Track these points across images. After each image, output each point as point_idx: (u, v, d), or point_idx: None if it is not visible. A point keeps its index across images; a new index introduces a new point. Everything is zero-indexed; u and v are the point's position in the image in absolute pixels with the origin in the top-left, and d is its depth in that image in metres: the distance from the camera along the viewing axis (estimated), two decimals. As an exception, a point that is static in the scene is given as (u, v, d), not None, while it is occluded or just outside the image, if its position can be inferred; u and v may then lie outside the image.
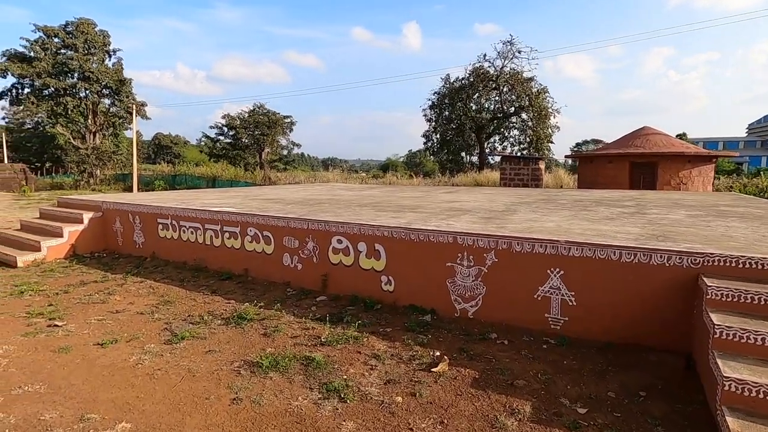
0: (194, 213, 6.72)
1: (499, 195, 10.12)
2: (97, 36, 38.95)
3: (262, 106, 44.48)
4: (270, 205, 7.45)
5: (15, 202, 19.86)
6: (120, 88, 39.74)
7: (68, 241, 7.65)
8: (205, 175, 33.75)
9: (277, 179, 32.86)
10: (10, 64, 36.26)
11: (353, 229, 5.07)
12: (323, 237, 5.33)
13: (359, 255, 5.05)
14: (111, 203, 8.07)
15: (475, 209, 6.79)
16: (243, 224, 6.13)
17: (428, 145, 42.58)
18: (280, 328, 4.25)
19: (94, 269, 6.86)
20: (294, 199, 8.97)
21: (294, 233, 5.60)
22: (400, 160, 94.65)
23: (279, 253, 5.77)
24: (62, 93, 37.79)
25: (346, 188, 13.51)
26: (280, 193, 10.93)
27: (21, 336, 4.12)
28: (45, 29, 37.31)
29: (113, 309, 4.95)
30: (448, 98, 38.26)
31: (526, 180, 17.58)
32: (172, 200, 8.31)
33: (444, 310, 4.51)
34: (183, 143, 73.65)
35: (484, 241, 4.23)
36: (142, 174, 36.12)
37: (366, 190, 12.20)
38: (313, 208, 6.91)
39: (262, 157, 43.82)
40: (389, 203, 7.89)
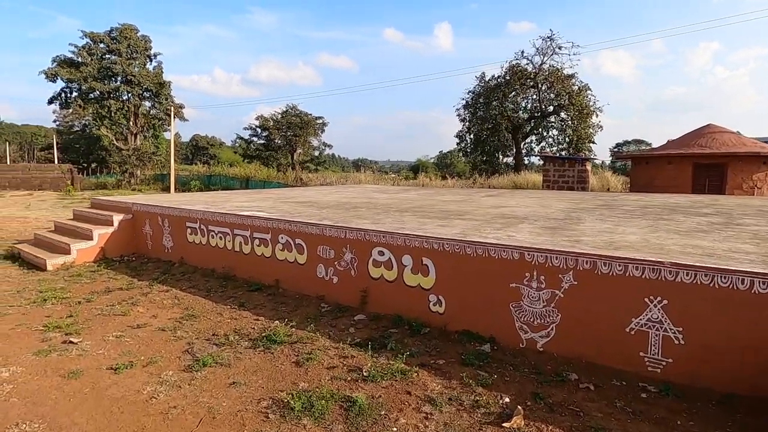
0: (223, 217, 6.28)
1: (549, 199, 9.23)
2: (139, 41, 40.25)
3: (294, 107, 44.72)
4: (303, 209, 6.93)
5: (59, 201, 20.50)
6: (160, 90, 40.93)
7: (98, 244, 7.42)
8: (239, 175, 34.13)
9: (309, 180, 32.78)
10: (59, 70, 38.01)
11: (397, 239, 4.43)
12: (362, 247, 4.72)
13: (404, 269, 4.40)
14: (141, 205, 7.80)
15: (530, 216, 6.00)
16: (274, 231, 5.62)
17: (461, 146, 41.43)
18: (314, 356, 3.66)
19: (121, 275, 6.55)
20: (327, 202, 8.44)
21: (329, 242, 5.02)
22: (430, 161, 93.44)
23: (312, 264, 5.21)
24: (106, 96, 39.30)
25: (380, 190, 12.91)
26: (312, 195, 10.46)
27: (32, 354, 3.73)
28: (91, 35, 38.89)
29: (134, 323, 4.52)
30: (483, 97, 37.02)
31: (572, 182, 16.42)
32: (202, 202, 7.96)
33: (506, 339, 3.79)
34: (218, 144, 75.54)
35: (559, 258, 3.48)
36: (180, 174, 36.97)
37: (402, 193, 11.56)
38: (349, 214, 6.33)
39: (294, 157, 44.03)
40: (431, 208, 7.20)
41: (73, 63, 38.47)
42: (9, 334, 4.20)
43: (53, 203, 19.10)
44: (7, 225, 12.16)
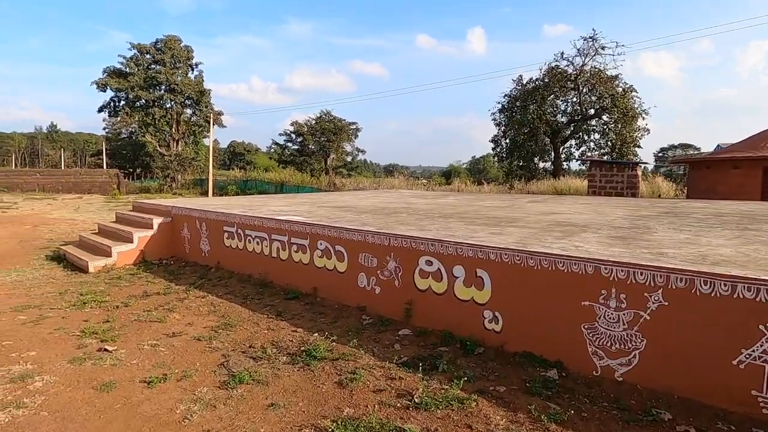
0: (260, 221, 6.09)
1: (602, 206, 8.54)
2: (181, 51, 41.88)
3: (328, 113, 45.16)
4: (341, 214, 6.65)
5: (106, 204, 21.36)
6: (200, 98, 42.37)
7: (138, 246, 7.43)
8: (274, 180, 34.67)
9: (342, 185, 32.83)
10: (109, 80, 40.08)
11: (448, 248, 4.03)
12: (408, 256, 4.35)
13: (454, 281, 3.99)
14: (180, 208, 7.78)
15: (591, 224, 5.44)
16: (312, 236, 5.34)
17: (496, 151, 40.35)
18: (358, 375, 3.31)
19: (159, 278, 6.48)
20: (365, 207, 8.14)
21: (372, 250, 4.68)
22: (462, 167, 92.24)
23: (353, 272, 4.88)
24: (151, 104, 41.07)
25: (416, 195, 12.52)
26: (348, 200, 10.21)
27: (67, 362, 3.58)
28: (139, 47, 40.81)
29: (170, 331, 4.34)
30: (521, 101, 35.96)
31: (620, 188, 15.40)
32: (239, 206, 7.85)
33: (576, 364, 3.30)
34: (254, 150, 77.55)
35: (645, 274, 2.98)
36: (217, 179, 38.02)
37: (440, 198, 11.11)
38: (390, 219, 5.98)
39: (328, 163, 44.38)
40: (475, 214, 6.74)
41: (122, 73, 40.50)
42: (47, 339, 4.10)
43: (100, 206, 19.89)
44: (58, 226, 12.63)
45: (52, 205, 19.41)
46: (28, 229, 11.94)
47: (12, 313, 4.87)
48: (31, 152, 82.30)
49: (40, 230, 11.73)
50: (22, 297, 5.52)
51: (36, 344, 3.97)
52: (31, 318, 4.70)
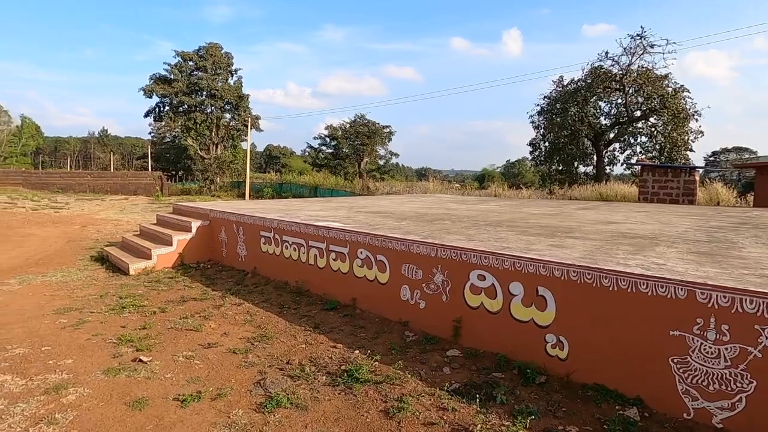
0: (297, 227, 5.88)
1: (663, 214, 7.81)
2: (222, 57, 43.24)
3: (362, 116, 45.28)
4: (381, 220, 6.35)
5: (149, 205, 22.12)
6: (239, 103, 43.56)
7: (176, 249, 7.42)
8: (308, 183, 35.00)
9: (375, 188, 32.69)
10: (155, 86, 41.90)
11: (504, 262, 3.62)
12: (458, 269, 3.97)
13: (511, 299, 3.58)
14: (218, 212, 7.73)
15: (660, 237, 4.86)
16: (352, 244, 5.06)
17: (535, 155, 39.02)
18: (406, 403, 2.97)
19: (196, 282, 6.40)
20: (404, 212, 7.81)
21: (417, 261, 4.34)
22: (497, 171, 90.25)
23: (396, 284, 4.55)
24: (193, 109, 42.59)
25: (455, 200, 12.07)
26: (386, 204, 9.91)
27: (101, 373, 3.45)
28: (182, 54, 42.45)
29: (205, 341, 4.16)
30: (561, 102, 34.59)
31: (675, 195, 14.31)
32: (276, 210, 7.71)
33: (662, 404, 2.82)
34: (290, 154, 79.07)
35: (756, 303, 2.48)
36: (254, 182, 38.83)
37: (481, 204, 10.62)
38: (434, 227, 5.62)
39: (361, 166, 44.45)
40: (524, 222, 6.26)
41: (166, 80, 42.28)
42: (84, 346, 4.01)
43: (143, 207, 20.61)
44: (104, 227, 13.07)
45: (100, 206, 20.28)
46: (76, 229, 12.41)
47: (54, 316, 4.86)
48: (84, 155, 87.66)
49: (88, 230, 12.15)
50: (65, 299, 5.55)
51: (73, 351, 3.88)
52: (71, 322, 4.67)
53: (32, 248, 9.16)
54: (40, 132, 79.70)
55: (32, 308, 5.15)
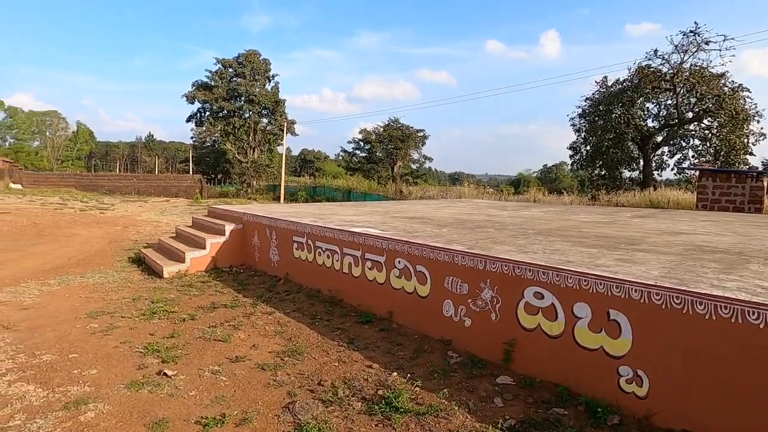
0: (331, 233, 5.58)
1: (732, 223, 6.97)
2: (260, 64, 44.26)
3: (396, 120, 45.07)
4: (419, 227, 5.95)
5: (188, 207, 22.72)
6: (276, 108, 44.41)
7: (210, 253, 7.32)
8: (341, 187, 35.08)
9: (409, 193, 32.29)
10: (197, 92, 43.40)
11: (567, 279, 3.14)
12: (510, 284, 3.52)
13: (575, 323, 3.09)
14: (251, 215, 7.58)
15: (749, 252, 4.19)
16: (389, 252, 4.70)
17: (575, 159, 37.38)
18: (453, 443, 2.55)
19: (227, 288, 6.24)
20: (443, 218, 7.38)
21: (462, 273, 3.91)
22: (533, 176, 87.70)
23: (438, 298, 4.14)
24: (232, 114, 43.79)
25: (494, 206, 11.48)
26: (422, 209, 9.50)
27: (124, 387, 3.24)
28: (223, 61, 43.79)
29: (233, 354, 3.91)
30: (604, 104, 32.95)
31: (739, 202, 13.05)
32: (309, 215, 7.48)
33: (777, 464, 2.26)
34: (324, 158, 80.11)
35: None
36: (289, 185, 39.38)
37: (523, 210, 10.01)
38: (478, 235, 5.16)
39: (395, 170, 44.19)
40: (578, 232, 5.69)
41: (207, 86, 43.72)
42: (111, 354, 3.85)
43: (183, 209, 21.17)
44: (144, 228, 13.38)
45: (142, 207, 21.01)
46: (118, 230, 12.75)
47: (86, 320, 4.78)
48: (132, 159, 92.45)
49: (128, 231, 12.46)
50: (99, 302, 5.50)
51: (99, 360, 3.72)
52: (101, 327, 4.56)
53: (75, 248, 9.39)
54: (93, 137, 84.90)
55: (67, 311, 5.10)
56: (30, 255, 8.47)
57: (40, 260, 8.01)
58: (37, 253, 8.68)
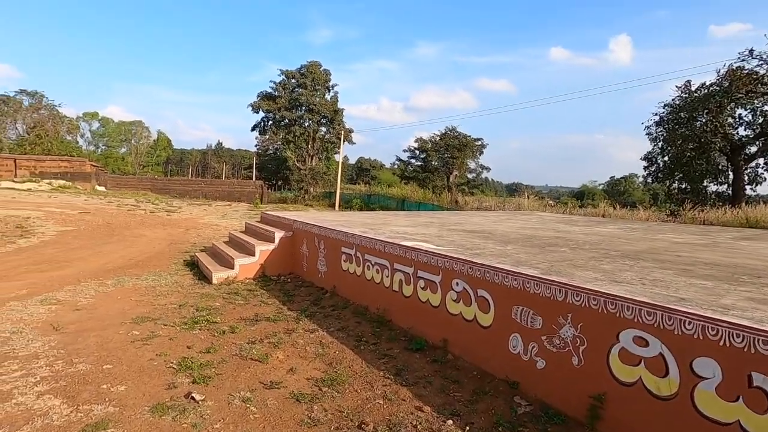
0: (381, 246, 5.10)
1: None
2: (321, 74, 45.53)
3: (454, 129, 44.12)
4: (479, 242, 5.31)
5: (248, 212, 23.49)
6: (334, 117, 45.37)
7: (258, 260, 7.15)
8: (396, 195, 34.79)
9: (464, 203, 31.24)
10: (261, 103, 45.50)
11: (684, 323, 2.39)
12: (600, 323, 2.80)
13: (696, 385, 2.33)
14: (301, 223, 7.33)
15: None
16: (446, 272, 4.12)
17: (650, 170, 34.12)
18: None
19: (273, 298, 5.97)
20: (506, 233, 6.64)
21: (535, 303, 3.24)
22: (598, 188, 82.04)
23: (503, 330, 3.49)
24: (293, 123, 45.36)
25: (561, 220, 10.43)
26: (481, 222, 8.77)
27: (148, 411, 2.95)
28: (286, 72, 45.59)
29: (268, 378, 3.53)
30: (686, 111, 29.78)
31: None
32: (360, 224, 7.08)
33: None
34: (379, 166, 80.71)
35: None
36: (344, 193, 39.85)
37: (596, 226, 8.93)
38: (551, 256, 4.43)
39: (450, 179, 43.20)
40: (675, 256, 4.74)
41: (271, 97, 45.69)
42: (144, 368, 3.63)
43: (243, 214, 21.89)
44: (204, 231, 13.81)
45: (206, 211, 22.01)
46: (180, 232, 13.24)
47: (130, 326, 4.68)
48: (203, 165, 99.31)
49: (189, 234, 12.87)
50: (146, 306, 5.44)
51: (131, 374, 3.50)
52: (143, 334, 4.41)
53: (138, 249, 9.75)
54: (170, 145, 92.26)
55: (114, 314, 5.06)
56: (97, 254, 8.87)
57: (105, 259, 8.33)
58: (104, 252, 9.08)
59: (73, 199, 21.62)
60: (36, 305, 5.23)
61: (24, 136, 51.69)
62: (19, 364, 3.59)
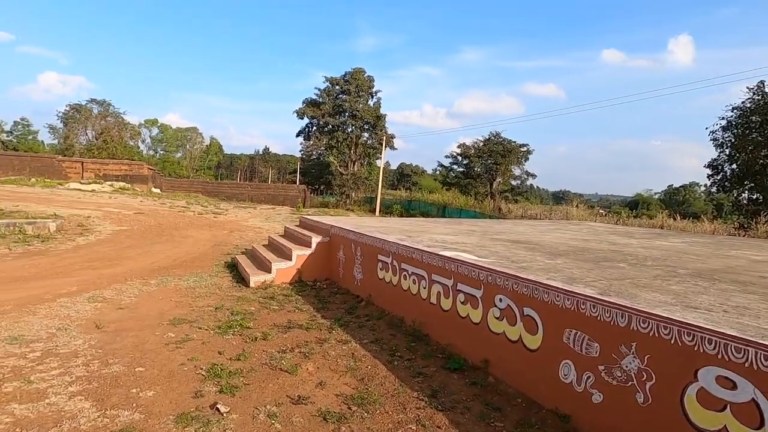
0: (419, 255, 4.84)
1: None
2: (365, 81, 46.00)
3: (498, 134, 43.03)
4: (524, 254, 4.91)
5: (290, 215, 23.96)
6: (376, 122, 45.61)
7: (295, 265, 7.10)
8: (436, 202, 34.30)
9: (508, 211, 30.21)
10: (306, 109, 46.63)
11: (786, 366, 1.95)
12: (673, 358, 2.39)
13: (803, 441, 1.88)
14: (338, 228, 7.21)
15: None
16: (488, 286, 3.79)
17: (716, 179, 31.41)
18: None
19: (307, 305, 5.86)
20: (554, 245, 6.16)
21: (591, 328, 2.86)
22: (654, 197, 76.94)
23: (552, 355, 3.12)
24: (336, 129, 46.08)
25: (615, 232, 9.66)
26: (526, 232, 8.28)
27: (173, 421, 2.86)
28: (331, 80, 46.47)
29: (296, 392, 3.36)
30: (760, 114, 27.14)
31: None
32: (398, 231, 6.85)
33: None
34: (421, 172, 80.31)
35: None
36: (385, 198, 39.86)
37: (656, 239, 8.15)
38: (607, 273, 3.98)
39: (493, 186, 42.07)
40: (759, 278, 4.13)
41: (316, 103, 46.71)
42: (174, 373, 3.58)
43: (285, 217, 22.34)
44: (246, 233, 14.13)
45: (250, 214, 22.67)
46: (224, 233, 13.62)
47: (167, 327, 4.71)
48: (250, 169, 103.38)
49: (233, 236, 13.20)
50: (185, 307, 5.49)
51: (161, 379, 3.46)
52: (178, 337, 4.41)
53: (184, 250, 10.06)
54: (221, 150, 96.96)
55: (154, 315, 5.13)
56: (146, 253, 9.23)
57: (152, 259, 8.63)
58: (152, 252, 9.43)
59: (131, 200, 22.99)
60: (83, 302, 5.42)
61: (93, 141, 56.09)
62: (59, 362, 3.66)
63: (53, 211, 14.49)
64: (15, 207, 14.78)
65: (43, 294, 5.64)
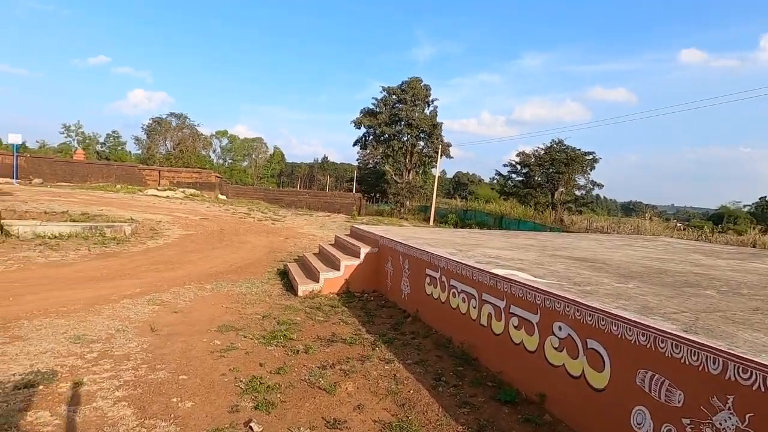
0: (469, 272, 4.51)
1: None
2: (421, 90, 45.95)
3: (560, 142, 40.86)
4: (589, 275, 4.40)
5: (345, 223, 24.27)
6: (432, 131, 45.31)
7: (343, 275, 7.02)
8: (493, 212, 33.16)
9: (571, 223, 28.43)
10: (363, 119, 47.44)
11: None
12: (785, 420, 1.90)
13: None
14: (387, 239, 7.04)
15: None
16: (546, 311, 3.39)
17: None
18: None
19: (353, 318, 5.72)
20: (622, 264, 5.52)
21: (672, 371, 2.40)
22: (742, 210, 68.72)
23: (622, 397, 2.68)
24: (392, 138, 46.38)
25: (698, 250, 8.56)
26: (591, 247, 7.57)
27: (206, 436, 2.80)
28: (387, 89, 46.94)
29: (332, 414, 3.19)
30: None
31: None
32: (449, 244, 6.53)
33: None
34: (477, 181, 78.48)
35: None
36: (439, 207, 39.26)
37: (747, 259, 7.07)
38: (692, 303, 3.41)
39: (555, 196, 39.91)
40: None
41: (373, 113, 47.42)
42: (214, 383, 3.57)
43: (339, 225, 22.67)
44: (301, 240, 14.44)
45: (306, 221, 23.28)
46: (280, 240, 14.01)
47: (214, 334, 4.78)
48: (310, 177, 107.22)
49: (288, 243, 13.54)
50: (234, 314, 5.58)
51: (201, 390, 3.45)
52: (223, 345, 4.45)
53: (241, 255, 10.43)
54: (284, 159, 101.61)
55: (205, 320, 5.26)
56: (206, 258, 9.67)
57: (211, 264, 9.01)
58: (212, 257, 9.86)
59: (198, 206, 24.59)
60: (143, 304, 5.69)
61: (170, 151, 61.26)
62: (112, 364, 3.80)
63: (130, 215, 15.78)
64: (99, 211, 16.31)
65: (110, 294, 6.02)
